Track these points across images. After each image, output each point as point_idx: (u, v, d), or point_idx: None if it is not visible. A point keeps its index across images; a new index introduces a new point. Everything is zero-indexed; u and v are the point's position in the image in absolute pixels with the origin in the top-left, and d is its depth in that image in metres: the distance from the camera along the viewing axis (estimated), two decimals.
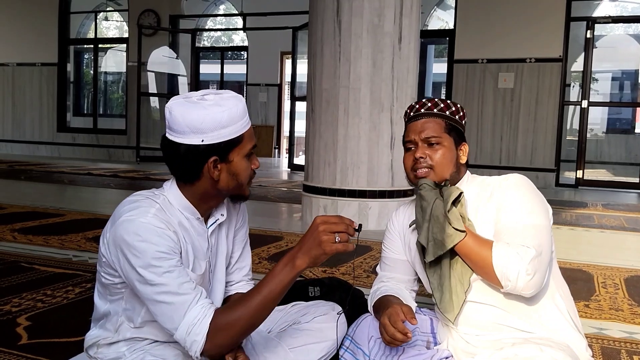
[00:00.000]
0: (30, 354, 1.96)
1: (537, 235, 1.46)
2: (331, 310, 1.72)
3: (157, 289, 1.32)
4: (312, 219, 5.11)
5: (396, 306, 1.47)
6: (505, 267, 1.42)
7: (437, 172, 1.57)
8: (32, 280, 2.86)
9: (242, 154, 1.42)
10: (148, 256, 1.32)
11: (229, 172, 1.42)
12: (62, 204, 5.45)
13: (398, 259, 1.73)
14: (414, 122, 1.62)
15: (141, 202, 1.41)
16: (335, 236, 1.29)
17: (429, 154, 1.57)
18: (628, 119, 13.81)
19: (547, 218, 1.51)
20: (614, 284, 3.18)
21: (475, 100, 8.68)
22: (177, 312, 1.32)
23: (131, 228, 1.34)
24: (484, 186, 1.60)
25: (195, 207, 1.46)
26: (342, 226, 1.30)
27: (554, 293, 1.55)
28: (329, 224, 1.30)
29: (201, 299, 1.34)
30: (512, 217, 1.49)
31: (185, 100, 1.39)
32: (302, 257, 1.31)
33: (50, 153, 11.91)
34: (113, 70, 15.92)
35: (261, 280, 1.37)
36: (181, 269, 1.35)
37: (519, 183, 1.56)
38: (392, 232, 1.75)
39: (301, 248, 1.32)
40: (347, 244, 1.30)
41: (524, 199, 1.51)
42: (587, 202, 6.83)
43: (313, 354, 1.64)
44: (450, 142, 1.59)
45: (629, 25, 13.58)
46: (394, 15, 4.46)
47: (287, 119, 10.63)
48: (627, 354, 2.15)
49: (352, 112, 4.49)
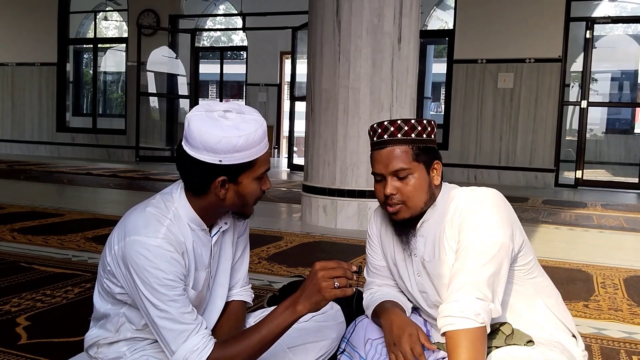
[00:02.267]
0: (30, 353, 1.96)
1: (492, 262, 1.40)
2: (330, 309, 1.72)
3: (160, 313, 1.34)
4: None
5: (414, 329, 1.45)
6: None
7: (410, 206, 1.48)
8: (31, 280, 2.86)
9: (253, 177, 1.41)
10: (155, 283, 1.33)
11: (237, 193, 1.42)
12: (61, 204, 5.45)
13: (382, 265, 1.70)
14: (379, 152, 1.49)
15: (152, 217, 1.40)
16: (334, 282, 1.31)
17: (399, 187, 1.47)
18: (627, 119, 13.82)
19: (507, 234, 1.43)
20: (613, 284, 3.19)
21: (474, 100, 8.68)
22: (177, 338, 1.33)
23: (142, 251, 1.34)
24: (451, 203, 1.52)
25: (202, 219, 1.46)
26: (340, 271, 1.32)
27: (534, 301, 1.53)
28: (327, 269, 1.32)
29: (201, 329, 1.36)
30: (468, 237, 1.43)
31: (207, 114, 1.37)
32: (303, 303, 1.34)
33: (50, 153, 11.91)
34: (112, 70, 15.93)
35: (262, 320, 1.39)
36: (184, 299, 1.36)
37: (481, 197, 1.48)
38: (373, 238, 1.71)
39: (302, 293, 1.35)
40: (345, 289, 1.32)
41: (483, 214, 1.44)
42: (587, 202, 6.84)
43: (312, 353, 1.64)
44: (420, 169, 1.48)
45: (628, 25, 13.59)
46: (393, 15, 4.46)
47: (287, 119, 10.63)
48: (627, 354, 2.15)
49: (351, 112, 4.49)
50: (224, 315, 1.60)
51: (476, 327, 1.34)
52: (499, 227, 1.42)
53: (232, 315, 1.62)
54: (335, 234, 4.35)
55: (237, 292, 1.66)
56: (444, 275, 1.49)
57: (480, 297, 1.37)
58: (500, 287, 1.41)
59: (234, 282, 1.66)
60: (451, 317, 1.36)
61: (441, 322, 1.38)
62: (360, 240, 4.13)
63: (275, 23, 10.93)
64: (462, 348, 1.32)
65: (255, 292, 1.75)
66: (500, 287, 1.41)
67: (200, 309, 1.52)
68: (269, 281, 3.00)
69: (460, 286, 1.39)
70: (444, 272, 1.50)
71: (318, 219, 4.68)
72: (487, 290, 1.38)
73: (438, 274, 1.51)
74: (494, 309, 1.39)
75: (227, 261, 1.59)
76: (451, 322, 1.35)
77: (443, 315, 1.38)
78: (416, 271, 1.57)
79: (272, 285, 2.89)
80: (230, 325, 1.60)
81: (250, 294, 1.70)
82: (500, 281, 1.41)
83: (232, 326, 1.60)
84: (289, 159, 10.18)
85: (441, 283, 1.51)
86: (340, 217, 4.58)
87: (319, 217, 4.68)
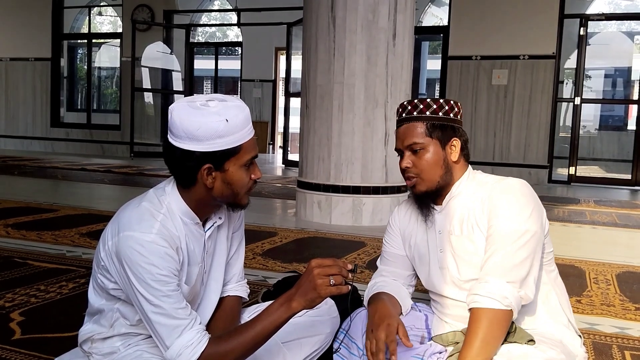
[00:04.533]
0: (24, 349, 1.96)
1: (524, 248, 1.44)
2: (324, 304, 1.73)
3: (154, 308, 1.33)
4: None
5: (394, 321, 1.46)
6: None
7: (424, 179, 1.56)
8: (25, 276, 2.85)
9: (239, 164, 1.40)
10: (149, 278, 1.33)
11: (224, 181, 1.41)
12: (55, 200, 5.44)
13: (398, 254, 1.75)
14: (398, 129, 1.61)
15: (146, 212, 1.40)
16: (330, 279, 1.31)
17: (414, 161, 1.56)
18: (620, 116, 13.88)
19: (537, 224, 1.49)
20: (605, 279, 3.21)
21: (469, 96, 8.69)
22: (171, 333, 1.33)
23: (135, 246, 1.33)
24: (480, 187, 1.58)
25: (195, 212, 1.46)
26: (336, 269, 1.32)
27: (549, 292, 1.57)
28: (323, 267, 1.32)
29: (196, 325, 1.36)
30: (501, 223, 1.47)
31: (189, 104, 1.37)
32: (298, 300, 1.34)
33: (44, 148, 11.86)
34: (107, 66, 15.86)
35: (257, 316, 1.39)
36: (178, 294, 1.36)
37: (512, 187, 1.53)
38: (393, 228, 1.76)
39: (298, 290, 1.34)
40: (341, 287, 1.32)
41: (515, 204, 1.49)
42: (580, 198, 6.87)
43: (306, 348, 1.65)
44: (434, 144, 1.56)
45: (622, 22, 13.61)
46: (388, 12, 4.46)
47: (282, 114, 10.61)
48: (619, 349, 2.17)
49: (346, 108, 4.49)
50: (219, 310, 1.61)
51: (501, 310, 1.39)
52: (531, 216, 1.48)
53: (227, 310, 1.62)
54: (330, 229, 4.36)
55: (232, 287, 1.66)
56: (468, 251, 1.54)
57: (511, 280, 1.42)
58: (533, 275, 1.46)
59: (229, 278, 1.66)
60: (478, 296, 1.41)
61: (469, 299, 1.44)
62: (355, 236, 4.14)
63: (270, 19, 10.91)
64: (481, 326, 1.38)
65: (250, 288, 1.75)
66: (532, 275, 1.46)
67: (194, 304, 1.52)
68: (264, 276, 3.00)
69: (493, 269, 1.44)
70: (468, 248, 1.54)
71: (313, 215, 4.69)
72: (519, 275, 1.43)
73: (463, 250, 1.55)
74: (524, 296, 1.43)
75: (222, 256, 1.59)
76: (478, 300, 1.41)
77: (472, 293, 1.44)
78: (439, 246, 1.61)
79: (267, 281, 2.90)
80: (225, 321, 1.60)
81: (246, 289, 1.70)
82: (533, 268, 1.46)
83: (227, 321, 1.60)
84: (284, 155, 10.17)
85: (463, 258, 1.55)
86: (334, 213, 4.58)
87: (313, 213, 4.69)
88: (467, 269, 1.54)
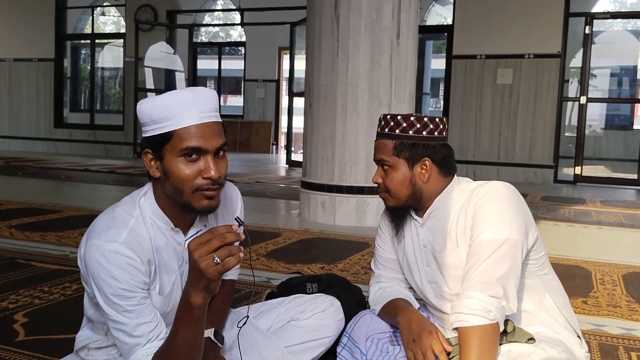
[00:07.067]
0: (28, 350, 1.96)
1: (505, 259, 1.41)
2: (330, 306, 1.71)
3: (113, 324, 1.29)
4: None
5: (433, 327, 1.48)
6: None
7: (393, 196, 1.56)
8: (29, 277, 2.85)
9: (175, 153, 1.28)
10: (109, 292, 1.26)
11: (164, 171, 1.31)
12: (59, 200, 5.44)
13: (391, 258, 1.73)
14: (375, 142, 1.61)
15: (117, 217, 1.33)
16: (213, 257, 1.13)
17: (383, 178, 1.56)
18: (626, 115, 13.83)
19: (520, 231, 1.44)
20: (612, 280, 3.18)
21: (473, 96, 8.67)
22: (130, 351, 1.30)
23: (97, 257, 1.26)
24: (463, 196, 1.54)
25: (169, 216, 1.37)
26: (216, 241, 1.12)
27: (542, 297, 1.54)
28: (201, 246, 1.13)
29: (149, 344, 1.29)
30: (481, 233, 1.43)
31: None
32: (194, 293, 1.19)
33: (47, 149, 11.87)
34: (110, 66, 15.87)
35: (172, 325, 1.27)
36: (142, 308, 1.29)
37: (493, 192, 1.48)
38: (384, 230, 1.74)
39: (189, 283, 1.20)
40: (229, 261, 1.13)
41: (494, 211, 1.44)
42: (585, 198, 6.83)
43: (311, 351, 1.64)
44: (401, 164, 1.53)
45: (627, 21, 13.56)
46: (392, 11, 4.45)
47: (285, 114, 10.60)
48: (625, 351, 2.15)
49: (350, 108, 4.48)
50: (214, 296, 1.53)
51: (487, 324, 1.36)
52: (513, 223, 1.44)
53: (221, 295, 1.59)
54: (334, 230, 4.34)
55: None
56: (454, 266, 1.51)
57: (493, 294, 1.38)
58: (514, 285, 1.43)
59: None
60: (463, 314, 1.38)
61: (453, 317, 1.41)
62: (359, 236, 4.12)
63: (273, 18, 10.91)
64: (473, 345, 1.35)
65: (254, 289, 1.74)
66: (513, 285, 1.42)
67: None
68: (268, 277, 2.99)
69: (473, 283, 1.41)
70: (453, 263, 1.51)
71: (316, 216, 4.68)
72: (500, 287, 1.39)
73: (448, 264, 1.53)
74: (506, 307, 1.40)
75: None
76: (463, 318, 1.38)
77: (455, 312, 1.40)
78: (425, 261, 1.59)
79: (271, 282, 2.88)
80: (223, 301, 1.59)
81: (237, 272, 1.67)
82: (513, 279, 1.42)
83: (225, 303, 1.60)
84: (287, 155, 10.16)
85: (450, 273, 1.53)
86: (338, 213, 4.57)
87: (317, 213, 4.67)
88: (456, 283, 1.51)
